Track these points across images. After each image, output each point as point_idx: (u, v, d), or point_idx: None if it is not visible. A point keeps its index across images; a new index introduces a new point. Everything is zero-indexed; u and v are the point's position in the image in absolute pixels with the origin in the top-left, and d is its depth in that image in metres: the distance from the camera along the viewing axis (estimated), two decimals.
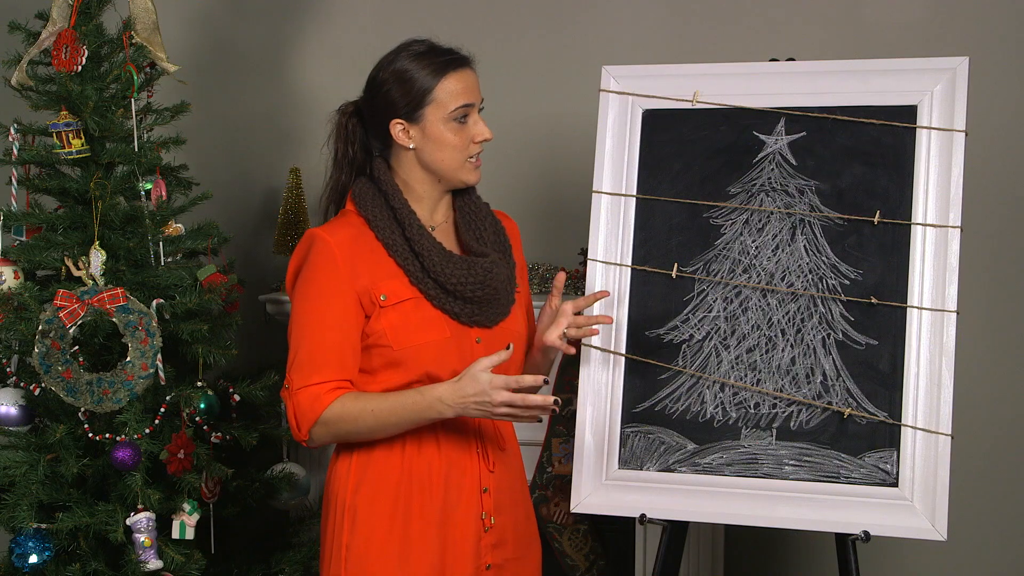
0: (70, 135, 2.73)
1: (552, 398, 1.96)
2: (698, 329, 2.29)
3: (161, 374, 2.74)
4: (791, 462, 2.21)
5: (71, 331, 2.69)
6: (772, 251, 2.28)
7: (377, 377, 2.05)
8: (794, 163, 2.29)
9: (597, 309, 2.30)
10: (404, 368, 2.03)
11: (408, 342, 2.02)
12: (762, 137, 2.31)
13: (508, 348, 1.97)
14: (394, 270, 2.05)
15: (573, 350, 2.18)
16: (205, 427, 2.80)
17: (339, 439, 2.05)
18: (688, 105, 2.35)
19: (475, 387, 1.93)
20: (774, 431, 2.23)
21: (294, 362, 2.01)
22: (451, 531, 2.07)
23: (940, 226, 2.20)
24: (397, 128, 2.07)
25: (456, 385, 1.95)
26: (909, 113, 2.25)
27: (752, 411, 2.25)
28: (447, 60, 2.06)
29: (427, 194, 2.11)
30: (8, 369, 2.84)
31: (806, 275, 2.26)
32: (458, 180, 2.10)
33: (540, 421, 2.11)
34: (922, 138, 2.23)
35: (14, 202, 2.85)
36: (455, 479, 2.08)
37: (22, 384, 2.82)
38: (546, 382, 2.03)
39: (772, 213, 2.28)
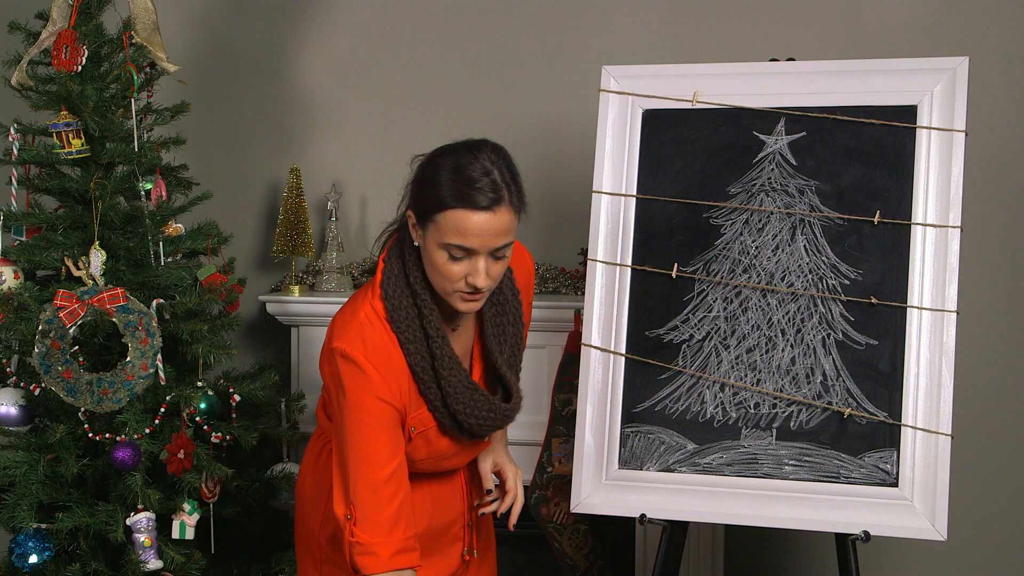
0: (70, 135, 2.73)
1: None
2: (698, 329, 2.29)
3: (161, 374, 2.74)
4: (791, 462, 2.21)
5: (71, 331, 2.69)
6: (772, 251, 2.28)
7: None
8: (794, 163, 2.29)
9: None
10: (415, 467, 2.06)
11: (418, 457, 2.04)
12: (762, 137, 2.31)
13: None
14: (418, 399, 2.01)
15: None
16: (205, 427, 2.80)
17: None
18: (688, 105, 2.35)
19: None
20: (774, 431, 2.23)
21: (357, 499, 1.93)
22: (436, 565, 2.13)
23: (940, 226, 2.20)
24: (411, 220, 1.96)
25: None
26: (909, 113, 2.25)
27: (752, 411, 2.25)
28: (470, 195, 1.86)
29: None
30: (8, 369, 2.84)
31: (806, 275, 2.25)
32: (448, 303, 1.97)
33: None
34: (922, 138, 2.23)
35: (14, 202, 2.85)
36: (443, 517, 2.15)
37: (22, 384, 2.82)
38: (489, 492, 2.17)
39: (772, 213, 2.28)
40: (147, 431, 2.72)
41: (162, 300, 2.76)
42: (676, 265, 2.30)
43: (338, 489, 1.95)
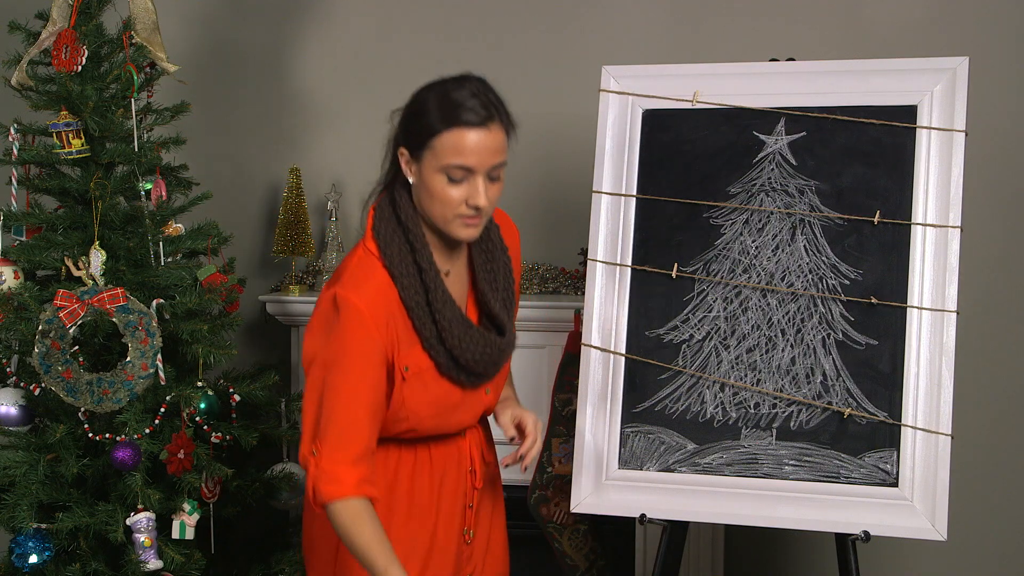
0: (70, 135, 2.73)
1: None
2: (698, 329, 2.29)
3: (161, 374, 2.74)
4: (791, 462, 2.21)
5: (71, 331, 2.69)
6: (772, 251, 2.28)
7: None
8: (794, 163, 2.29)
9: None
10: (408, 427, 2.02)
11: (423, 412, 2.01)
12: (762, 137, 2.31)
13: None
14: (412, 336, 1.99)
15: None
16: (205, 427, 2.80)
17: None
18: (688, 105, 2.35)
19: None
20: (774, 431, 2.23)
21: (325, 433, 1.91)
22: (437, 544, 2.09)
23: (940, 226, 2.20)
24: (402, 158, 1.98)
25: None
26: (909, 113, 2.25)
27: (752, 411, 2.25)
28: (464, 113, 1.91)
29: (435, 228, 2.02)
30: (8, 369, 2.84)
31: (806, 275, 2.25)
32: (448, 232, 1.97)
33: None
34: (922, 138, 2.23)
35: (14, 202, 2.85)
36: (447, 496, 2.09)
37: (22, 384, 2.82)
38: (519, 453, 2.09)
39: (772, 213, 2.28)
40: (147, 431, 2.72)
41: (162, 300, 2.76)
42: (676, 265, 2.30)
43: (307, 431, 1.94)
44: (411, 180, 1.98)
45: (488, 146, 1.92)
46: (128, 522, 2.70)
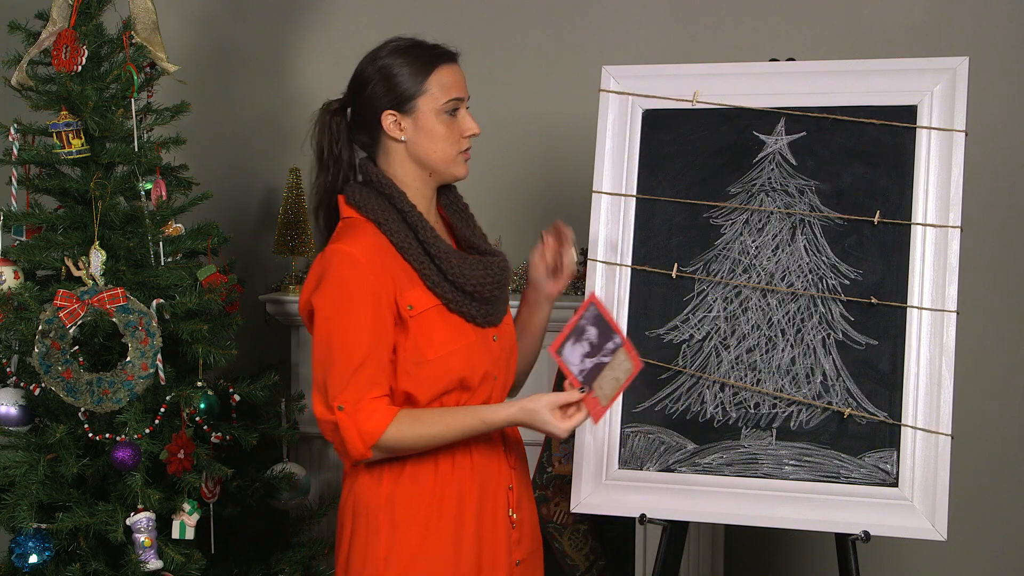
0: (70, 135, 2.73)
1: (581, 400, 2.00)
2: (698, 329, 2.29)
3: (161, 374, 2.74)
4: (791, 462, 2.21)
5: (71, 331, 2.69)
6: (772, 251, 2.28)
7: (410, 390, 2.00)
8: (794, 163, 2.29)
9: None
10: (436, 378, 2.01)
11: (440, 351, 2.01)
12: (762, 137, 2.31)
13: (581, 390, 1.98)
14: (413, 277, 2.02)
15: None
16: (205, 427, 2.80)
17: (394, 456, 2.00)
18: (688, 105, 2.35)
19: (543, 425, 1.97)
20: (774, 431, 2.23)
21: (349, 379, 1.93)
22: (486, 533, 2.07)
23: (940, 226, 2.20)
24: (389, 120, 2.04)
25: (520, 417, 1.98)
26: (909, 113, 2.25)
27: (752, 411, 2.25)
28: (438, 53, 2.06)
29: (420, 191, 2.08)
30: (8, 369, 2.84)
31: (806, 275, 2.26)
32: (449, 174, 2.08)
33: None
34: (922, 138, 2.23)
35: (14, 202, 2.85)
36: (489, 482, 2.08)
37: (22, 384, 2.82)
38: (581, 389, 2.01)
39: (772, 213, 2.28)
40: (147, 431, 2.72)
41: (162, 300, 2.76)
42: (676, 265, 2.31)
43: (320, 387, 1.95)
44: (402, 139, 2.05)
45: (463, 76, 2.09)
46: (128, 522, 2.70)
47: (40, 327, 2.67)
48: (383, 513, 2.01)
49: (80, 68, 2.75)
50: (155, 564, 2.72)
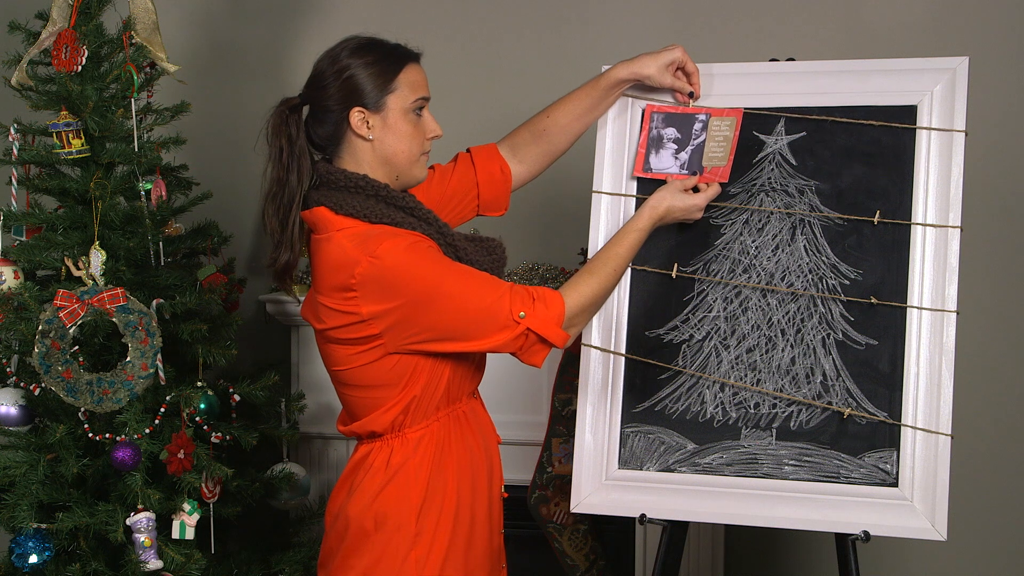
0: (70, 135, 2.73)
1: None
2: (698, 329, 2.29)
3: (161, 374, 2.74)
4: (791, 462, 2.21)
5: (71, 331, 2.69)
6: (772, 251, 2.28)
7: (401, 384, 2.01)
8: (794, 163, 2.29)
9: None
10: (436, 366, 2.04)
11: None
12: (762, 137, 2.31)
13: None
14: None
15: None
16: (205, 427, 2.80)
17: (589, 319, 2.10)
18: (688, 111, 2.35)
19: (683, 206, 2.19)
20: (774, 431, 2.23)
21: (506, 295, 1.97)
22: (495, 513, 2.16)
23: (940, 226, 2.20)
24: (357, 117, 2.01)
25: (659, 211, 2.17)
26: (909, 113, 2.25)
27: (752, 411, 2.25)
28: (405, 52, 2.05)
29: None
30: (8, 369, 2.84)
31: (806, 275, 2.25)
32: (411, 175, 2.07)
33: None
34: (922, 138, 2.23)
35: (14, 202, 2.85)
36: (496, 466, 2.18)
37: (22, 384, 2.82)
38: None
39: (772, 213, 2.28)
40: (147, 431, 2.72)
41: (162, 300, 2.76)
42: (676, 265, 2.30)
43: (492, 329, 1.97)
44: (369, 137, 2.02)
45: (426, 77, 2.08)
46: (128, 522, 2.70)
47: (40, 327, 2.67)
48: (412, 521, 2.02)
49: (80, 68, 2.75)
50: (155, 564, 2.72)
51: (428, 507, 2.02)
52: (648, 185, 2.33)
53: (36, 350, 2.68)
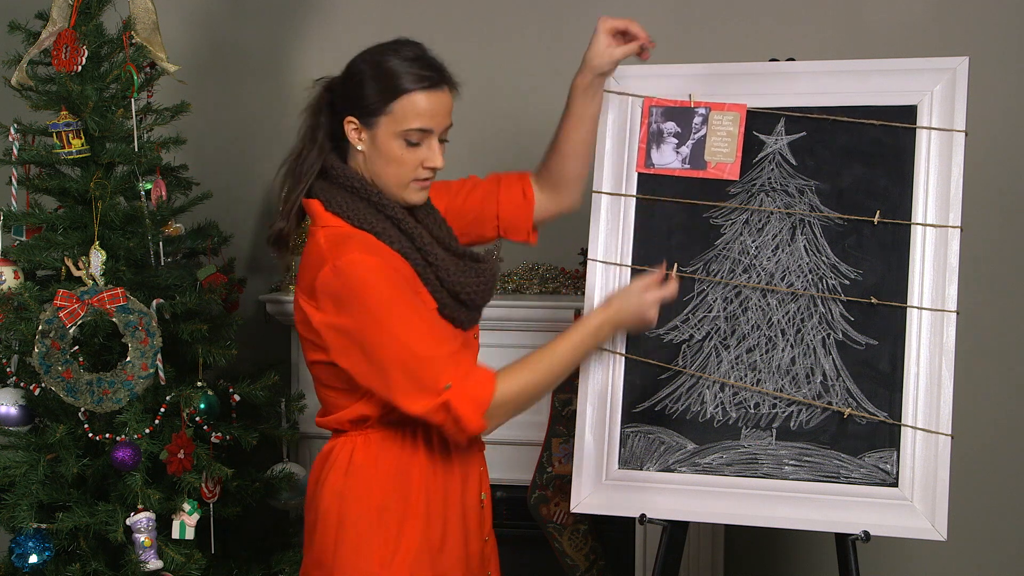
0: (70, 135, 2.73)
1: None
2: (698, 329, 2.29)
3: (161, 374, 2.74)
4: (791, 462, 2.21)
5: (71, 331, 2.69)
6: (772, 251, 2.28)
7: (356, 395, 1.98)
8: (794, 163, 2.29)
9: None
10: None
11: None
12: (762, 137, 2.31)
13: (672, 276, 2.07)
14: (416, 280, 1.98)
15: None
16: (205, 427, 2.80)
17: (513, 414, 1.96)
18: (688, 105, 2.35)
19: (638, 308, 2.06)
20: (774, 431, 2.23)
21: (444, 359, 1.87)
22: (470, 515, 2.11)
23: (940, 226, 2.20)
24: (350, 126, 1.97)
25: (613, 313, 2.05)
26: (909, 113, 2.25)
27: (752, 411, 2.25)
28: (421, 76, 1.94)
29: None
30: (8, 369, 2.84)
31: (806, 275, 2.25)
32: (400, 198, 1.99)
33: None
34: (922, 138, 2.23)
35: (14, 202, 2.85)
36: (471, 470, 2.12)
37: (22, 384, 2.82)
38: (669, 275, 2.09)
39: (772, 213, 2.28)
40: (147, 431, 2.72)
41: (162, 300, 2.76)
42: (676, 265, 2.30)
43: (412, 389, 1.87)
44: (359, 148, 1.98)
45: (443, 107, 1.97)
46: (128, 522, 2.70)
47: (40, 327, 2.67)
48: (374, 521, 2.00)
49: (80, 68, 2.75)
50: (155, 564, 2.72)
51: (390, 509, 1.99)
52: (650, 184, 2.33)
53: (36, 350, 2.68)
